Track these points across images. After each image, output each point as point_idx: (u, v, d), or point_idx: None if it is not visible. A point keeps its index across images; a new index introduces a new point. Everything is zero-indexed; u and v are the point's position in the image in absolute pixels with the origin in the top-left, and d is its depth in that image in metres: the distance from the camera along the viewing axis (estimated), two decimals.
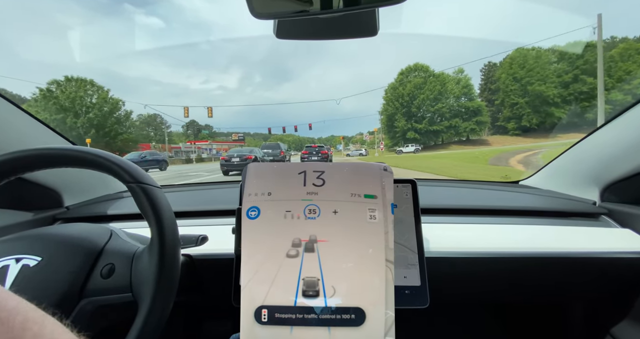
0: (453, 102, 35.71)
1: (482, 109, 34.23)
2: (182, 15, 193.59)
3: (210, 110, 24.13)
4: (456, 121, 34.83)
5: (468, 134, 35.79)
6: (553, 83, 30.30)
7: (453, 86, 35.46)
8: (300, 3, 0.41)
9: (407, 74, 37.64)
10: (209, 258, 0.55)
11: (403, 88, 36.76)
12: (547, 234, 0.62)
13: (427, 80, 36.02)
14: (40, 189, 0.69)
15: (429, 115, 36.32)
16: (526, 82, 31.65)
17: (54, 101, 24.69)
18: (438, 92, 35.16)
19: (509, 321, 0.90)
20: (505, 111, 34.74)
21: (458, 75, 36.24)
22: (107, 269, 0.40)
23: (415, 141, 36.48)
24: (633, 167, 0.62)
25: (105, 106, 27.37)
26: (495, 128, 37.70)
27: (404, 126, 36.31)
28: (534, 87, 30.87)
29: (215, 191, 0.96)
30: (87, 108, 26.48)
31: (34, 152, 0.38)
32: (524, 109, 32.56)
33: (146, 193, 0.38)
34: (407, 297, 0.44)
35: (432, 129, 35.46)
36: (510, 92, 33.60)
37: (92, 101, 27.06)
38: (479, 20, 74.71)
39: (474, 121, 34.18)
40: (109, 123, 27.25)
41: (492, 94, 37.58)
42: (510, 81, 33.51)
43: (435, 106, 35.22)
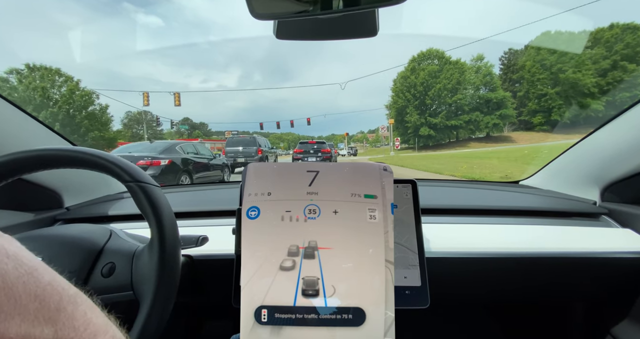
0: (473, 93, 35.44)
1: (506, 101, 33.73)
2: (182, 14, 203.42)
3: (177, 97, 21.29)
4: (476, 114, 34.42)
5: (489, 130, 35.45)
6: (589, 70, 29.92)
7: (472, 75, 35.21)
8: (300, 3, 0.47)
9: (419, 61, 37.15)
10: (209, 258, 0.62)
11: (415, 77, 36.20)
12: (547, 234, 0.69)
13: (444, 68, 35.57)
14: (41, 190, 0.76)
15: (445, 108, 35.86)
16: (557, 70, 31.31)
17: (8, 92, 24.38)
18: (456, 81, 34.64)
19: (509, 321, 0.98)
20: (530, 103, 34.36)
21: (477, 63, 35.90)
22: (108, 268, 0.45)
23: (430, 138, 36.13)
24: (633, 167, 0.69)
25: (74, 98, 27.32)
26: (517, 123, 37.22)
27: (416, 120, 35.75)
28: (568, 75, 30.42)
29: (215, 192, 1.04)
30: (52, 101, 26.47)
31: (33, 154, 0.42)
32: (555, 101, 32.28)
33: (145, 192, 0.43)
34: (407, 297, 0.49)
35: (449, 124, 35.02)
36: (537, 82, 33.30)
37: (61, 92, 26.99)
38: (479, 20, 76.73)
39: (497, 114, 33.75)
40: (78, 118, 27.19)
41: (513, 85, 37.19)
42: (537, 69, 33.20)
43: (453, 97, 34.72)
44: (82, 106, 27.77)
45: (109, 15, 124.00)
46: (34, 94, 25.39)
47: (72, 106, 27.20)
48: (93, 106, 28.69)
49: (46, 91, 26.36)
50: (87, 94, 28.37)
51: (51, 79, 27.09)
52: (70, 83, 27.78)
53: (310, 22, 0.51)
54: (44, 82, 26.48)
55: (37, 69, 26.84)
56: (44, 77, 26.78)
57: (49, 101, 26.19)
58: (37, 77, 26.52)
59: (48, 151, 0.43)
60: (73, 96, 27.38)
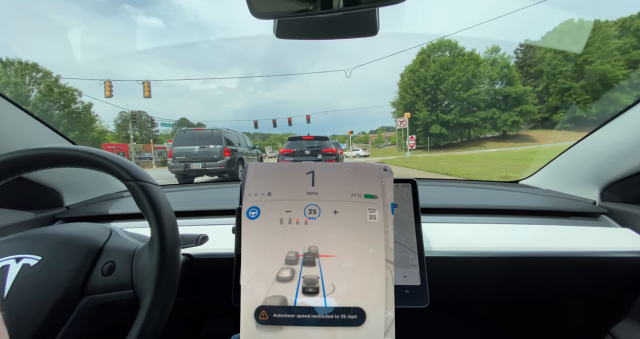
0: (488, 87, 35.11)
1: (526, 96, 33.34)
2: (182, 15, 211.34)
3: (146, 87, 19.53)
4: (493, 111, 34.10)
5: (507, 128, 35.07)
6: (618, 61, 29.66)
7: (487, 68, 34.93)
8: (300, 3, 0.52)
9: (429, 53, 36.78)
10: (209, 257, 0.66)
11: (425, 69, 35.94)
12: (547, 234, 0.74)
13: (457, 60, 35.26)
14: (41, 189, 0.82)
15: (458, 104, 35.43)
16: (583, 61, 30.95)
17: None
18: (472, 73, 34.35)
19: (509, 320, 1.04)
20: (550, 99, 33.95)
21: (492, 55, 35.52)
22: (108, 267, 0.49)
23: (442, 137, 35.69)
24: (633, 167, 0.75)
25: (51, 96, 27.27)
26: (534, 121, 36.74)
27: (426, 117, 35.43)
28: (595, 67, 30.07)
29: (215, 191, 1.11)
30: (26, 98, 26.43)
31: (33, 153, 0.46)
32: (580, 96, 31.90)
33: (145, 191, 0.46)
34: (407, 296, 0.54)
35: (463, 122, 34.71)
36: (558, 75, 32.97)
37: (39, 89, 26.93)
38: (480, 19, 78.42)
39: (517, 111, 33.43)
40: (54, 117, 27.21)
41: (529, 80, 36.79)
42: (559, 61, 32.89)
43: (468, 92, 34.38)
44: (62, 105, 27.63)
45: (108, 16, 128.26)
46: (5, 90, 25.35)
47: (48, 103, 27.06)
48: (75, 104, 28.59)
49: (20, 87, 26.33)
50: (68, 91, 28.27)
51: (26, 74, 26.95)
52: (48, 79, 27.76)
53: (310, 22, 0.56)
54: (17, 78, 26.48)
55: (9, 63, 26.87)
56: (17, 72, 26.76)
57: (21, 98, 26.09)
58: (12, 73, 26.52)
59: (48, 149, 0.46)
60: (51, 93, 27.35)
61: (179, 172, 8.34)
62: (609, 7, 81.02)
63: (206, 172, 8.54)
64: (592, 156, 0.86)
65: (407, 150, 24.90)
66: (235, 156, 8.95)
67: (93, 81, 60.96)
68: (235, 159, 8.82)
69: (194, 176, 8.63)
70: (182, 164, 8.27)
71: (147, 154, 39.70)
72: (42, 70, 27.80)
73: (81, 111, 29.15)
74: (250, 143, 11.53)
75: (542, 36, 37.89)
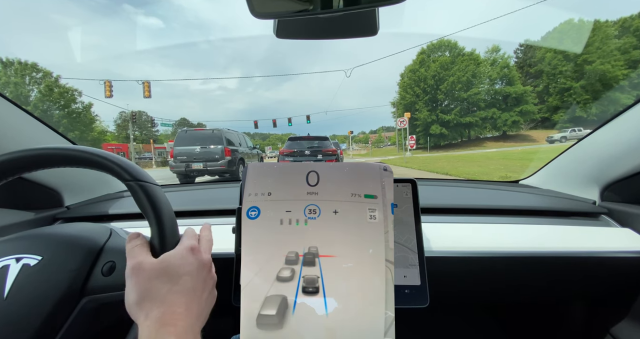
0: (489, 87, 35.29)
1: (526, 96, 33.62)
2: (182, 15, 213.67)
3: (146, 87, 19.91)
4: (493, 111, 34.29)
5: (507, 128, 35.33)
6: (618, 61, 29.85)
7: (487, 68, 35.11)
8: (300, 3, 0.52)
9: (429, 53, 36.97)
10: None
11: (425, 69, 36.13)
12: (547, 234, 0.75)
13: (457, 60, 35.47)
14: (41, 189, 0.82)
15: (458, 104, 35.61)
16: (583, 61, 31.18)
17: None
18: (472, 73, 34.57)
19: (509, 320, 1.05)
20: (550, 99, 34.27)
21: (492, 55, 35.74)
22: (108, 267, 0.49)
23: (442, 137, 35.82)
24: (633, 167, 0.75)
25: (51, 96, 27.33)
26: (534, 121, 36.95)
27: (426, 117, 35.58)
28: (595, 67, 30.29)
29: (215, 191, 1.11)
30: (26, 98, 26.48)
31: (33, 152, 0.46)
32: (580, 96, 32.16)
33: (145, 191, 0.46)
34: (407, 296, 0.54)
35: (463, 122, 34.87)
36: (558, 75, 33.21)
37: (39, 89, 26.97)
38: (480, 19, 79.24)
39: (517, 110, 33.64)
40: (54, 117, 27.28)
41: (529, 80, 36.99)
42: (559, 61, 33.13)
43: (468, 92, 34.60)
44: (62, 105, 27.69)
45: (108, 16, 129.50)
46: (5, 90, 25.41)
47: (48, 103, 27.13)
48: (75, 104, 28.65)
49: (19, 87, 26.39)
50: (68, 91, 28.35)
51: (26, 74, 27.03)
52: (48, 79, 27.82)
53: (310, 22, 0.56)
54: (17, 78, 26.54)
55: (9, 63, 26.93)
56: (17, 72, 26.83)
57: (21, 98, 26.18)
58: (12, 73, 26.60)
59: (48, 149, 0.46)
60: (51, 93, 27.41)
61: (181, 172, 8.47)
62: (609, 7, 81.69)
63: (207, 172, 8.72)
64: (592, 156, 0.87)
65: (407, 150, 25.20)
66: (236, 156, 9.10)
67: (93, 81, 61.50)
68: (236, 159, 8.98)
69: (195, 176, 8.72)
70: (184, 164, 8.40)
71: (147, 154, 40.00)
72: (42, 70, 27.91)
73: (81, 111, 29.27)
74: (250, 143, 11.73)
75: (542, 36, 38.30)
